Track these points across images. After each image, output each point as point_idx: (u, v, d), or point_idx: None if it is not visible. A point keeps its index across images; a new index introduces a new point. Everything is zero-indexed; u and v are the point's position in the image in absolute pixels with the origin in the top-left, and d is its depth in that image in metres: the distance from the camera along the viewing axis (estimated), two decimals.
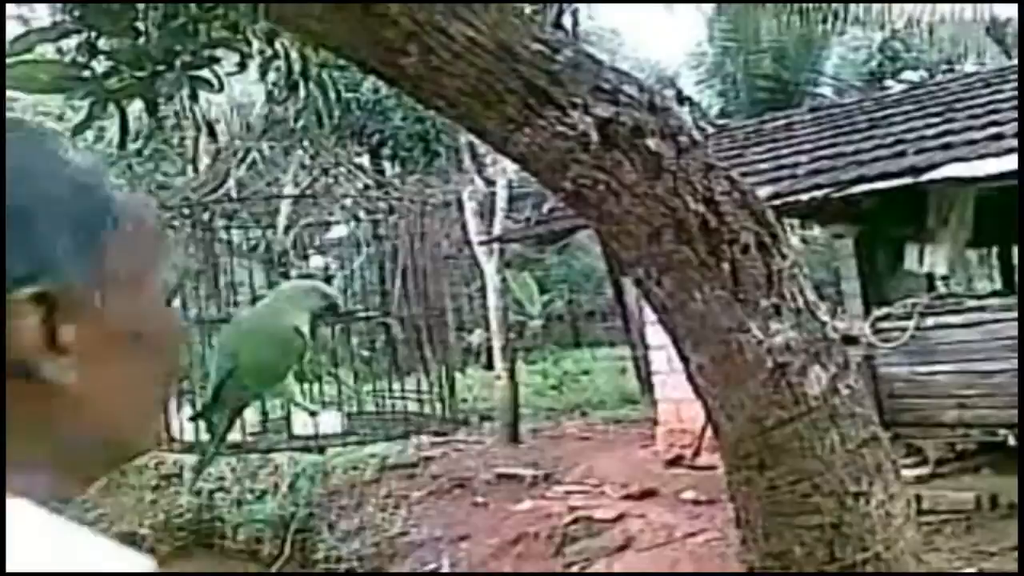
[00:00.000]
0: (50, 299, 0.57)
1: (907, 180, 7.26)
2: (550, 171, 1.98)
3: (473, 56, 1.87)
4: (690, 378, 2.09)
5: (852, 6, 12.45)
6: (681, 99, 14.85)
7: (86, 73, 2.56)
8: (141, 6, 2.55)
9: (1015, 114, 7.37)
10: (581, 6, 12.63)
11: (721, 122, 14.52)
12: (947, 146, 7.55)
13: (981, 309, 7.66)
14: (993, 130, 7.45)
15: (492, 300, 12.29)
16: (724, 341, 1.97)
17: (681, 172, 1.94)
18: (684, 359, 2.07)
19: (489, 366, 14.63)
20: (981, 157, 7.08)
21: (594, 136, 1.90)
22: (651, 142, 1.93)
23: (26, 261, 0.57)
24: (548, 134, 1.91)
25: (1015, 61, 11.48)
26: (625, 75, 2.04)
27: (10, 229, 0.57)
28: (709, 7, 15.83)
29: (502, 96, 1.89)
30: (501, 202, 12.45)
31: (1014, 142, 6.87)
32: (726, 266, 1.95)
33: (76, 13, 2.55)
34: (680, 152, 1.95)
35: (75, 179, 0.63)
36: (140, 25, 2.56)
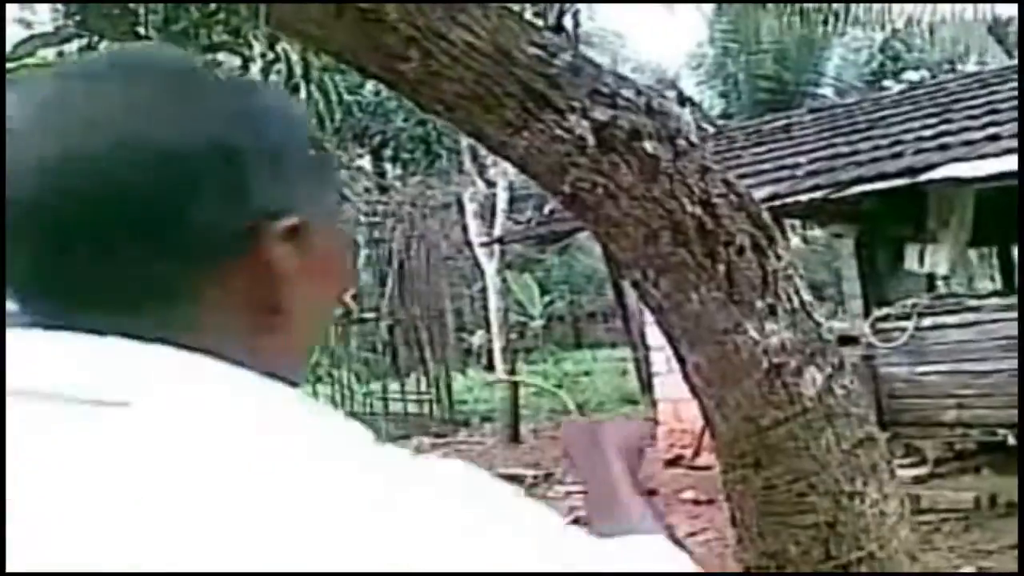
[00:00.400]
0: (296, 232, 0.64)
1: (904, 180, 7.29)
2: (548, 174, 2.00)
3: (472, 60, 1.88)
4: (686, 378, 2.11)
5: (852, 6, 12.44)
6: (683, 100, 14.85)
7: None
8: (142, 10, 2.57)
9: (1013, 114, 7.39)
10: (582, 7, 12.63)
11: (722, 123, 14.54)
12: (944, 147, 7.57)
13: (980, 309, 7.68)
14: (991, 130, 7.47)
15: (493, 301, 12.28)
16: (720, 342, 1.99)
17: (678, 175, 1.96)
18: (680, 359, 2.09)
19: (490, 367, 14.64)
20: (979, 157, 7.10)
21: (591, 140, 1.91)
22: (648, 145, 1.95)
23: (280, 197, 0.64)
24: (546, 138, 1.92)
25: (1016, 61, 11.49)
26: (622, 79, 2.06)
27: (269, 166, 0.64)
28: (709, 7, 15.84)
29: (500, 100, 1.91)
30: (502, 203, 12.44)
31: (1012, 143, 6.89)
32: (722, 267, 1.97)
33: (78, 18, 2.57)
34: (677, 155, 1.97)
35: (309, 128, 0.73)
36: (141, 29, 2.58)
